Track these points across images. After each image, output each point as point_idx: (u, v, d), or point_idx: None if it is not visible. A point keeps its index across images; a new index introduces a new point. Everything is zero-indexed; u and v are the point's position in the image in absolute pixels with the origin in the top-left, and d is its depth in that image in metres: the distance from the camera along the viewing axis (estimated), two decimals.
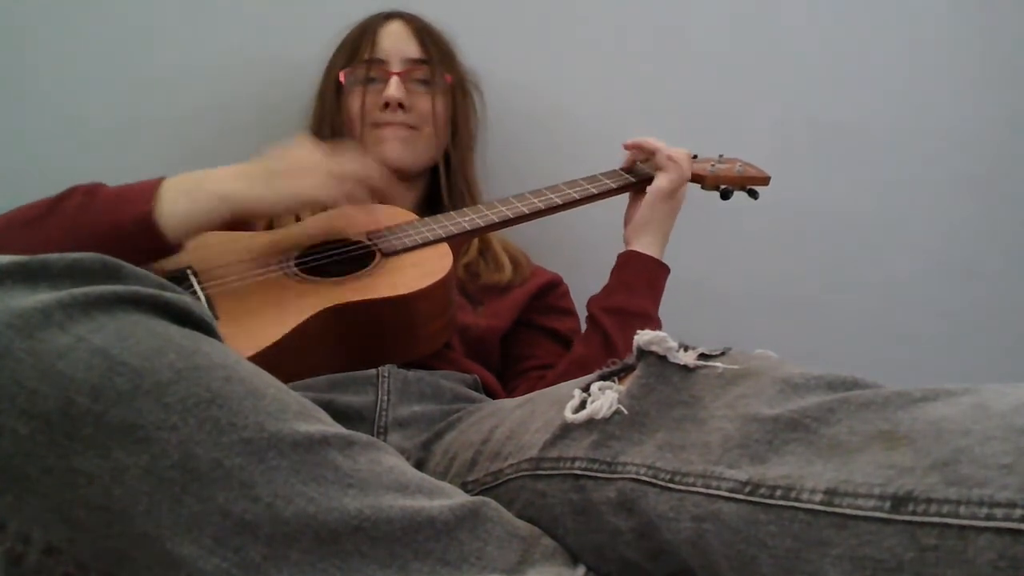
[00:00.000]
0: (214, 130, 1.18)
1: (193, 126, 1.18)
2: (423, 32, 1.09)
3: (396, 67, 1.05)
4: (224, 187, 0.80)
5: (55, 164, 1.12)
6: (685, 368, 0.55)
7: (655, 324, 0.99)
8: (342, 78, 1.05)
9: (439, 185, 1.10)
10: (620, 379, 0.59)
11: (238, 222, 0.87)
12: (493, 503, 0.54)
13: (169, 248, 0.80)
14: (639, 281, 1.00)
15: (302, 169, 0.83)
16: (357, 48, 1.06)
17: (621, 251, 1.03)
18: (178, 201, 0.78)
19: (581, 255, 1.22)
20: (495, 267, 1.05)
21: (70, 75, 1.14)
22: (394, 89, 1.02)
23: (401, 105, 1.03)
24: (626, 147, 1.04)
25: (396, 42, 1.06)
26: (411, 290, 0.83)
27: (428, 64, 1.07)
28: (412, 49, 1.06)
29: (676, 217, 1.04)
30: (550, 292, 1.09)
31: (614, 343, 0.96)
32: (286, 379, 0.67)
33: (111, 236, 0.77)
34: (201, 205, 0.79)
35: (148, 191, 0.79)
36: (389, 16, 1.09)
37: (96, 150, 1.15)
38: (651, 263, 1.01)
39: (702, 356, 0.56)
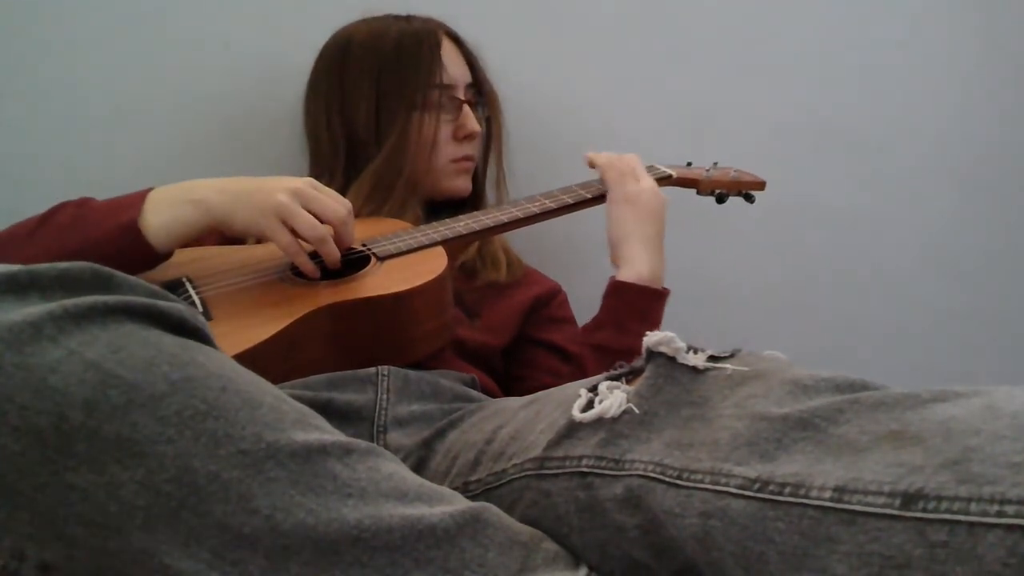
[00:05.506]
0: (213, 128, 1.18)
1: (192, 124, 1.17)
2: (467, 51, 1.08)
3: (461, 94, 1.04)
4: (204, 196, 0.81)
5: (55, 164, 1.12)
6: (694, 369, 0.55)
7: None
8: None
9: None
10: (628, 381, 0.59)
11: (228, 238, 0.87)
12: (494, 508, 0.54)
13: (155, 256, 0.81)
14: (629, 315, 0.92)
15: (267, 204, 0.79)
16: (429, 68, 1.00)
17: (611, 275, 0.95)
18: (161, 210, 0.80)
19: (581, 258, 1.21)
20: (493, 266, 1.04)
21: (70, 74, 1.13)
22: (474, 122, 1.04)
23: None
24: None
25: (457, 66, 1.05)
26: (406, 288, 0.83)
27: (481, 88, 1.08)
28: (467, 73, 1.06)
29: (661, 223, 0.96)
30: (549, 301, 1.07)
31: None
32: (282, 379, 0.67)
33: (100, 246, 0.79)
34: (182, 213, 0.80)
35: (135, 202, 0.80)
36: (435, 29, 1.04)
37: (96, 150, 1.15)
38: (642, 293, 0.92)
39: (711, 358, 0.56)
